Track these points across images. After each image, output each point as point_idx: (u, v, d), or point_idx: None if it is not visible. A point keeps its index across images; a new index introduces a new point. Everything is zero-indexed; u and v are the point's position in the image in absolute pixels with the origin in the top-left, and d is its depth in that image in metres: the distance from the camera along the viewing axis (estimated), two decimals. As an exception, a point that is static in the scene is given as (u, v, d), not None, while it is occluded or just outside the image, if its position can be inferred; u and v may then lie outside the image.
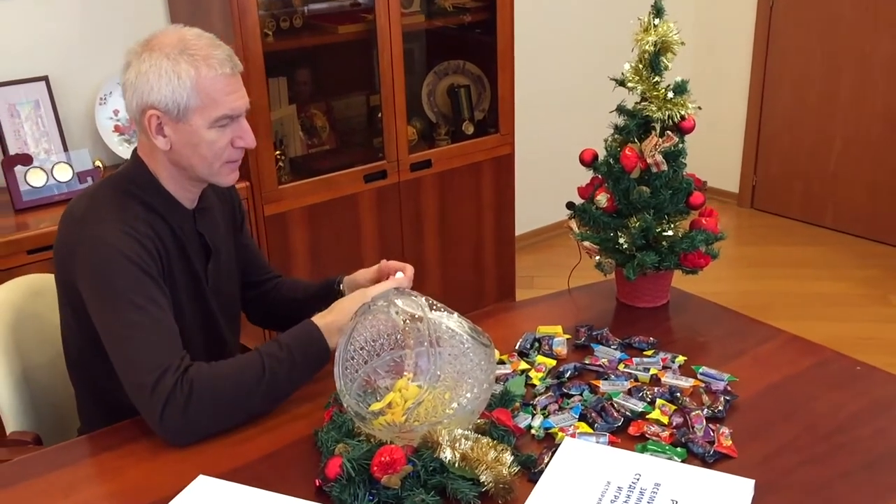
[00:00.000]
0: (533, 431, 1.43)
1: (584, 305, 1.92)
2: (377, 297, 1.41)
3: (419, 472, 1.26)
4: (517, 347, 1.69)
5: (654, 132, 1.73)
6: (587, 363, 1.63)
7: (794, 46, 4.31)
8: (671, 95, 1.71)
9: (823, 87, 4.25)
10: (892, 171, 4.12)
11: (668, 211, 1.75)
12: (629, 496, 1.24)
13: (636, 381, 1.57)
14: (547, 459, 1.33)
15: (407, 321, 1.37)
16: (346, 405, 1.34)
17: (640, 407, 1.47)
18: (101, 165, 2.74)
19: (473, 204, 3.31)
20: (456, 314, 1.39)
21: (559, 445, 1.36)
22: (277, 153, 2.86)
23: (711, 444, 1.38)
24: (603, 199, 1.77)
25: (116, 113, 2.82)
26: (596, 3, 4.18)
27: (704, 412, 1.46)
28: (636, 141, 1.74)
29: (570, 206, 1.87)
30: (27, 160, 2.54)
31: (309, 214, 2.88)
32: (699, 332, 1.80)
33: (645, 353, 1.67)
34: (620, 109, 1.78)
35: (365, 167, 2.98)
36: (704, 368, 1.60)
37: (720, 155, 4.68)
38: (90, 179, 2.57)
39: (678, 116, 1.72)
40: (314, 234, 2.92)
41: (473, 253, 3.38)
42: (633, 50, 1.75)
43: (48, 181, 2.56)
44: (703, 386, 1.55)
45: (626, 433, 1.43)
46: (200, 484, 1.31)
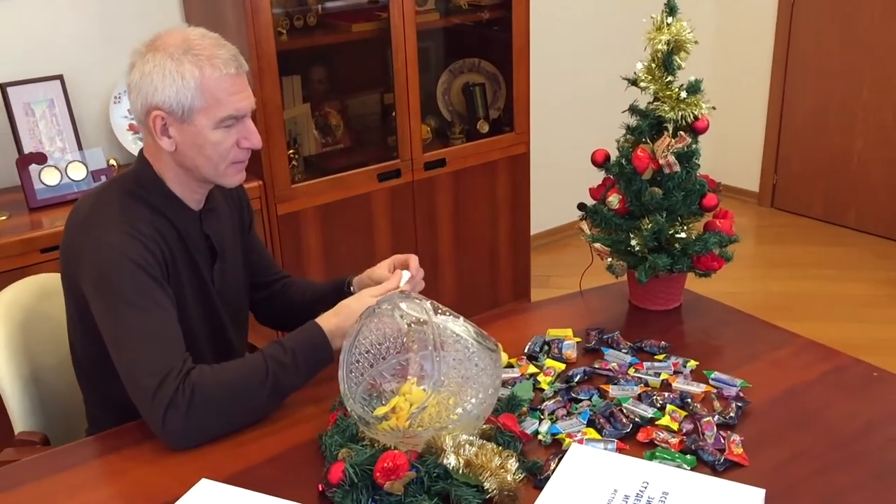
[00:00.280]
0: (540, 437, 1.41)
1: (595, 308, 1.90)
2: (382, 300, 1.39)
3: (422, 478, 1.24)
4: (526, 351, 1.67)
5: (666, 132, 1.70)
6: (597, 367, 1.61)
7: (815, 45, 4.25)
8: (684, 95, 1.68)
9: (845, 85, 4.19)
10: (915, 170, 4.06)
11: (680, 213, 1.72)
12: (636, 505, 1.21)
13: (646, 385, 1.54)
14: (553, 466, 1.31)
15: (412, 325, 1.36)
16: (349, 409, 1.33)
17: (649, 413, 1.45)
18: (115, 164, 2.74)
19: (488, 203, 3.28)
20: (462, 318, 1.37)
21: (566, 451, 1.34)
22: (291, 152, 2.85)
23: (722, 451, 1.35)
24: (615, 200, 1.75)
25: (131, 112, 2.82)
26: (613, 1, 4.13)
27: (715, 419, 1.43)
28: (648, 141, 1.71)
29: (581, 207, 1.84)
30: (42, 159, 2.55)
31: (322, 214, 2.88)
32: (712, 335, 1.77)
33: (656, 357, 1.65)
34: (633, 109, 1.76)
35: (379, 166, 2.97)
36: (717, 373, 1.57)
37: (740, 154, 4.63)
38: (104, 178, 2.58)
39: (691, 116, 1.68)
40: (327, 233, 2.91)
41: (488, 253, 3.36)
42: (645, 49, 1.72)
43: (62, 180, 2.57)
44: (714, 391, 1.52)
45: (634, 439, 1.40)
46: (203, 488, 1.30)
